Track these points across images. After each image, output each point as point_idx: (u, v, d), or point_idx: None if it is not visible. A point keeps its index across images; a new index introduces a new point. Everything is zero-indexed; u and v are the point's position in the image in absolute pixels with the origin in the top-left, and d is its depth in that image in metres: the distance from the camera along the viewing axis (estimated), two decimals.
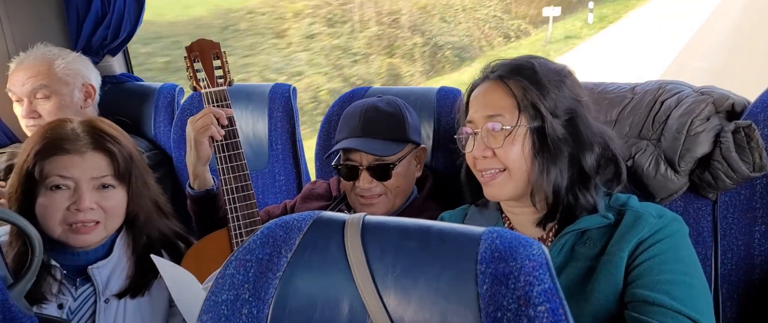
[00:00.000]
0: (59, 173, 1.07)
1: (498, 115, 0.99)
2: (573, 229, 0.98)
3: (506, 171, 0.99)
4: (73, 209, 1.08)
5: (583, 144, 0.99)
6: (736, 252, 1.19)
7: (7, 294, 0.97)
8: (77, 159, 1.08)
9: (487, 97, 1.01)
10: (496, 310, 0.57)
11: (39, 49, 1.73)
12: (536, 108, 0.97)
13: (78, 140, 1.09)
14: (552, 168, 0.97)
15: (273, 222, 0.69)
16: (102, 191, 1.11)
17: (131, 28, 1.95)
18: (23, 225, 1.01)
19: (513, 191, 1.00)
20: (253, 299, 0.66)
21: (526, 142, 0.98)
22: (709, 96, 1.18)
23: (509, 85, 0.99)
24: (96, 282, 1.11)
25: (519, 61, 1.03)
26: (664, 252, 0.92)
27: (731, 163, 1.13)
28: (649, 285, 0.90)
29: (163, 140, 1.89)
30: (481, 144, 1.00)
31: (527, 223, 1.04)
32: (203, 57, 1.35)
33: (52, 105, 1.67)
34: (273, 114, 1.71)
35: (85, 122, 1.14)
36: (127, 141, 1.16)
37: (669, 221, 0.95)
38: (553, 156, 0.97)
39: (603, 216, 0.98)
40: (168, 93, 1.91)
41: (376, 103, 1.32)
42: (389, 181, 1.28)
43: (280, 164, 1.72)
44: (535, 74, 0.99)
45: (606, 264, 0.94)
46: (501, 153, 0.98)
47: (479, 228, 0.62)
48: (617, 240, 0.95)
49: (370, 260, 0.63)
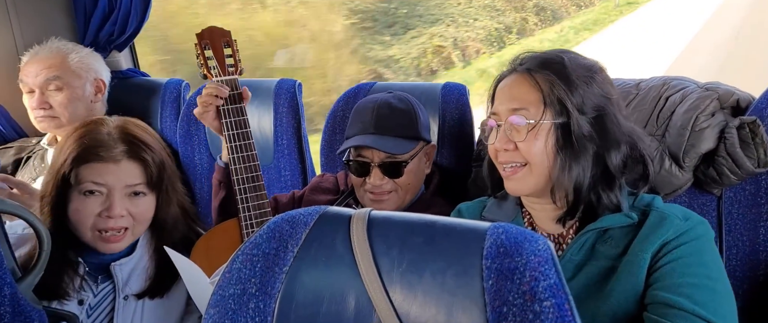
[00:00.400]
0: (94, 179, 1.09)
1: (522, 109, 0.97)
2: (594, 228, 0.96)
3: (527, 165, 0.98)
4: (104, 215, 1.10)
5: (609, 142, 0.97)
6: (741, 247, 1.19)
7: (16, 287, 0.98)
8: (112, 166, 1.09)
9: (513, 89, 0.99)
10: (502, 305, 0.57)
11: (53, 43, 1.75)
12: (562, 103, 0.95)
13: (114, 147, 1.10)
14: (574, 165, 0.95)
15: (279, 217, 0.70)
16: (133, 198, 1.12)
17: (138, 24, 1.96)
18: (31, 220, 1.03)
19: (533, 186, 0.98)
20: (259, 293, 0.67)
21: (550, 138, 0.96)
22: (714, 92, 1.18)
23: (536, 78, 0.97)
24: (117, 278, 1.13)
25: (549, 54, 1.00)
26: (688, 255, 0.90)
27: (736, 159, 1.13)
28: (670, 288, 0.88)
29: (170, 135, 1.90)
30: (503, 136, 0.98)
31: (546, 219, 1.03)
32: (214, 45, 1.35)
33: (64, 97, 1.69)
34: (279, 109, 1.72)
35: (121, 127, 1.14)
36: (158, 145, 1.16)
37: (695, 224, 0.93)
38: (576, 153, 0.95)
39: (626, 216, 0.96)
40: (174, 88, 1.92)
41: (389, 99, 1.31)
42: (400, 179, 1.28)
43: (286, 159, 1.73)
44: (563, 69, 0.96)
45: (627, 265, 0.92)
46: (523, 147, 0.97)
47: (485, 224, 0.62)
48: (641, 241, 0.93)
49: (376, 255, 0.63)
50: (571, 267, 0.97)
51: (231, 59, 1.36)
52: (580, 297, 0.94)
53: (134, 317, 1.12)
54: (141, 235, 1.17)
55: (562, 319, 0.56)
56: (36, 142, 1.83)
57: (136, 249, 1.16)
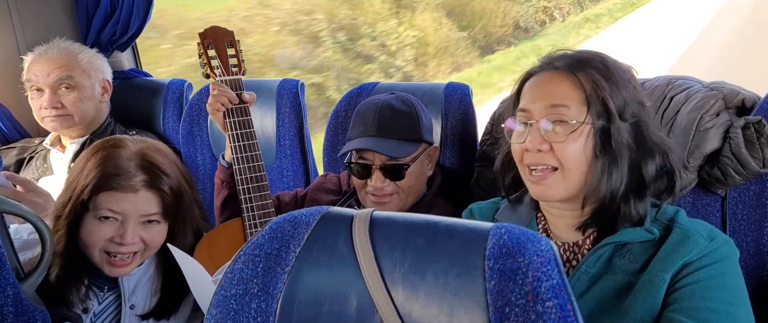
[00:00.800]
0: (110, 207, 1.08)
1: (563, 106, 0.89)
2: (613, 241, 0.91)
3: (559, 170, 0.91)
4: (116, 241, 1.10)
5: (645, 151, 0.91)
6: (746, 248, 1.19)
7: (19, 287, 0.99)
8: (131, 196, 1.09)
9: (551, 87, 0.91)
10: (504, 305, 0.57)
11: (59, 42, 1.74)
12: (606, 105, 0.88)
13: (134, 176, 1.09)
14: (614, 171, 0.89)
15: (281, 217, 0.70)
16: (146, 225, 1.12)
17: (140, 24, 1.96)
18: (33, 220, 1.03)
19: (565, 192, 0.91)
20: (261, 293, 0.67)
21: (589, 142, 0.89)
22: (718, 91, 1.18)
23: (578, 76, 0.90)
24: (123, 289, 1.13)
25: (587, 53, 0.94)
26: (710, 278, 0.85)
27: (741, 159, 1.13)
28: (688, 311, 0.83)
29: (172, 135, 1.90)
30: (537, 136, 0.90)
31: (564, 226, 0.97)
32: (217, 44, 1.35)
33: (76, 96, 1.70)
34: (281, 109, 1.72)
35: (142, 154, 1.12)
36: (178, 173, 1.15)
37: (720, 245, 0.88)
38: (615, 159, 0.89)
39: (647, 231, 0.90)
40: (177, 88, 1.92)
41: (391, 101, 1.30)
42: (402, 181, 1.27)
43: (288, 159, 1.73)
44: (606, 69, 0.90)
45: (646, 285, 0.87)
46: (559, 148, 0.89)
47: (487, 224, 0.62)
48: (661, 259, 0.88)
49: (378, 255, 0.63)
50: (586, 280, 0.92)
51: (234, 59, 1.35)
52: (593, 312, 0.90)
53: None
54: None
55: (565, 320, 0.56)
56: (38, 142, 1.83)
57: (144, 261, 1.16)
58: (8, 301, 0.96)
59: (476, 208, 1.11)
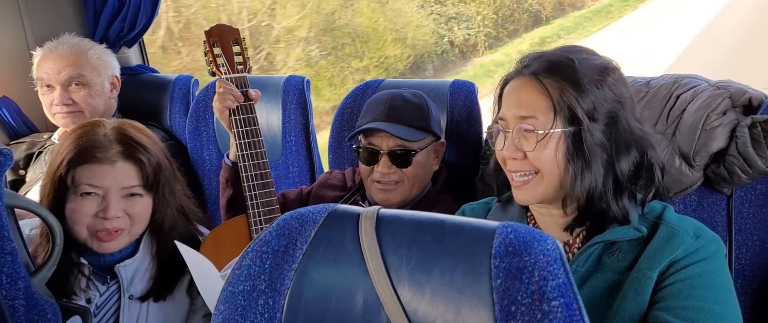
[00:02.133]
0: (89, 182, 1.09)
1: (531, 117, 0.92)
2: (602, 240, 0.92)
3: (539, 173, 0.93)
4: (100, 216, 1.10)
5: (619, 148, 0.92)
6: (751, 247, 1.18)
7: (30, 281, 1.00)
8: (108, 168, 1.10)
9: (521, 95, 0.94)
10: (510, 304, 0.57)
11: (69, 38, 1.75)
12: (573, 111, 0.90)
13: (109, 148, 1.10)
14: (587, 173, 0.91)
15: (288, 215, 0.70)
16: (129, 198, 1.12)
17: (147, 20, 1.97)
18: (44, 215, 1.04)
19: (543, 195, 0.94)
20: (269, 290, 0.67)
21: (560, 146, 0.91)
22: (725, 90, 1.17)
23: (545, 84, 0.91)
24: (121, 279, 1.14)
25: (558, 56, 0.94)
26: (696, 277, 0.86)
27: (747, 158, 1.12)
28: (674, 310, 0.84)
29: (179, 131, 1.91)
30: (511, 145, 0.94)
31: (554, 226, 0.99)
32: (223, 42, 1.35)
33: (86, 93, 1.71)
34: (287, 106, 1.72)
35: (118, 128, 1.14)
36: (156, 147, 1.16)
37: (706, 242, 0.88)
38: (588, 161, 0.91)
39: (635, 229, 0.92)
40: (183, 84, 1.93)
41: (401, 92, 1.34)
42: (408, 169, 1.29)
43: (294, 156, 1.74)
44: (574, 73, 0.91)
45: (633, 283, 0.88)
46: (532, 156, 0.92)
47: (494, 223, 0.62)
48: (649, 257, 0.89)
49: (385, 253, 0.63)
50: (576, 279, 0.93)
51: (240, 57, 1.36)
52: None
53: (139, 316, 1.13)
54: (139, 236, 1.17)
55: (571, 319, 0.56)
56: (47, 137, 1.84)
57: (138, 250, 1.17)
58: (19, 295, 0.98)
59: (468, 209, 1.13)
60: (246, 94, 1.35)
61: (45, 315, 1.01)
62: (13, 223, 1.01)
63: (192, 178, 1.84)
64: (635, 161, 0.94)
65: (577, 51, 0.96)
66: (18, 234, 1.02)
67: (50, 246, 1.04)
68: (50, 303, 1.03)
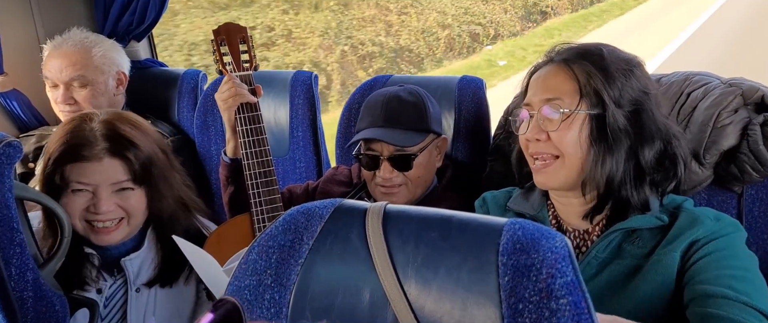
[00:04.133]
0: (78, 179, 1.09)
1: (557, 99, 0.94)
2: (622, 227, 0.94)
3: (560, 158, 0.95)
4: (92, 211, 1.11)
5: (643, 137, 0.94)
6: (761, 246, 1.17)
7: (38, 273, 1.01)
8: (95, 165, 1.09)
9: (548, 80, 0.97)
10: (518, 302, 0.57)
11: (76, 34, 1.75)
12: (599, 95, 0.93)
13: (96, 145, 1.09)
14: (608, 158, 0.93)
15: (295, 209, 0.70)
16: (121, 193, 1.12)
17: (156, 14, 1.97)
18: (53, 207, 1.05)
19: (564, 180, 0.96)
20: (275, 285, 0.67)
21: (584, 129, 0.93)
22: (737, 87, 1.16)
23: (573, 68, 0.95)
24: (128, 272, 1.15)
25: (587, 46, 0.98)
26: (721, 250, 0.88)
27: (759, 156, 1.11)
28: (709, 280, 0.85)
29: (187, 125, 1.91)
30: (535, 126, 0.96)
31: (573, 214, 1.00)
32: (230, 41, 1.36)
33: (88, 92, 1.71)
34: (294, 101, 1.72)
35: (106, 122, 1.13)
36: (147, 140, 1.15)
37: (726, 224, 0.91)
38: (611, 146, 0.93)
39: (656, 217, 0.93)
40: (192, 78, 1.93)
41: (398, 92, 1.31)
42: (410, 172, 1.28)
43: (301, 151, 1.74)
44: (602, 60, 0.94)
45: (655, 264, 0.90)
46: (555, 137, 0.94)
47: (501, 219, 0.62)
48: (670, 241, 0.91)
49: (391, 249, 0.63)
50: (595, 264, 0.95)
51: (246, 55, 1.37)
52: (602, 294, 0.92)
53: (147, 308, 1.14)
54: (140, 228, 1.18)
55: (579, 317, 0.56)
56: None
57: (144, 243, 1.18)
58: (28, 286, 0.99)
59: (489, 197, 1.14)
60: (253, 92, 1.35)
61: (53, 306, 1.02)
62: (23, 215, 1.02)
63: (199, 173, 1.85)
64: (659, 151, 0.96)
65: (605, 44, 0.99)
66: (27, 226, 1.03)
67: (58, 237, 1.05)
68: (58, 294, 1.04)
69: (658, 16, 9.38)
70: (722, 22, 7.68)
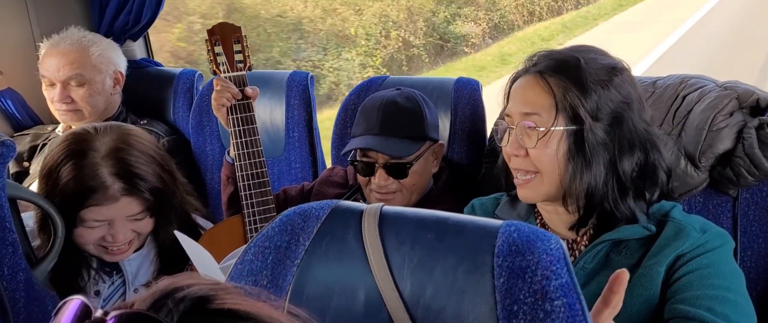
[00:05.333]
0: (95, 218, 1.10)
1: (534, 114, 0.93)
2: (610, 239, 0.93)
3: (539, 174, 0.94)
4: (108, 238, 1.12)
5: (622, 149, 0.92)
6: (756, 249, 1.18)
7: (30, 273, 1.00)
8: (111, 205, 1.09)
9: (526, 92, 0.95)
10: (513, 304, 0.57)
11: (73, 33, 1.74)
12: (575, 110, 0.91)
13: (111, 187, 1.08)
14: (586, 173, 0.91)
15: (291, 210, 0.70)
16: (135, 222, 1.13)
17: (152, 14, 1.96)
18: (46, 206, 1.04)
19: (545, 194, 0.96)
20: (270, 286, 0.67)
21: (562, 145, 0.92)
22: (733, 91, 1.16)
23: (549, 82, 0.93)
24: (126, 272, 1.15)
25: (565, 55, 0.95)
26: (705, 267, 0.87)
27: (754, 160, 1.11)
28: (689, 300, 0.84)
29: (182, 125, 1.91)
30: (514, 142, 0.95)
31: (560, 223, 1.00)
32: (224, 41, 1.35)
33: (85, 92, 1.70)
34: (290, 101, 1.72)
35: (114, 156, 1.09)
36: (154, 165, 1.13)
37: (712, 236, 0.90)
38: (589, 161, 0.91)
39: (644, 227, 0.92)
40: (187, 78, 1.93)
41: (395, 97, 1.29)
42: (406, 180, 1.27)
43: (296, 151, 1.73)
44: (579, 72, 0.91)
45: (641, 278, 0.89)
46: (533, 154, 0.93)
47: (497, 221, 0.62)
48: (655, 253, 0.90)
49: (387, 250, 0.63)
50: (583, 275, 0.94)
51: (240, 55, 1.36)
52: (590, 306, 0.91)
53: None
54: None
55: (573, 319, 0.56)
56: (51, 129, 1.85)
57: (144, 245, 1.18)
58: (20, 286, 0.98)
59: (477, 204, 1.13)
60: (243, 92, 1.34)
61: (45, 307, 1.01)
62: (15, 215, 1.02)
63: (194, 173, 1.84)
64: (639, 162, 0.94)
65: (586, 50, 0.97)
66: (20, 226, 1.02)
67: (52, 238, 1.05)
68: (51, 295, 1.03)
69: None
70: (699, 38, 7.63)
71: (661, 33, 7.81)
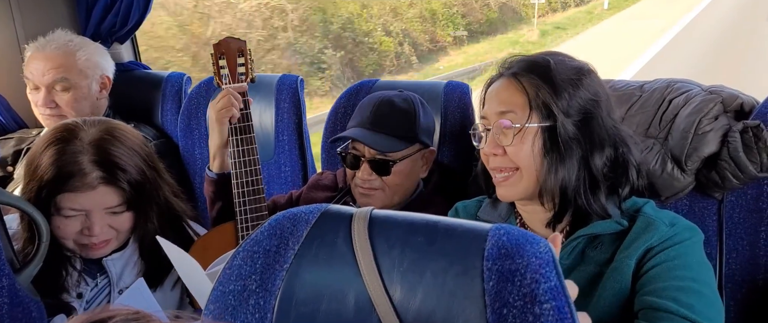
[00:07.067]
0: (71, 207, 1.08)
1: (509, 112, 0.98)
2: (584, 234, 0.97)
3: (518, 170, 0.98)
4: (85, 232, 1.10)
5: (593, 145, 0.97)
6: (741, 251, 1.19)
7: (14, 279, 0.98)
8: (89, 193, 1.08)
9: (501, 93, 1.00)
10: (502, 307, 0.57)
11: (60, 36, 1.71)
12: (548, 107, 0.96)
13: (89, 174, 1.07)
14: (560, 168, 0.96)
15: (281, 214, 0.70)
16: (113, 215, 1.12)
17: (140, 16, 1.95)
18: (30, 212, 1.03)
19: (523, 191, 0.99)
20: (260, 290, 0.67)
21: (537, 141, 0.96)
22: (717, 95, 1.18)
23: (522, 82, 0.98)
24: (111, 273, 1.14)
25: (536, 58, 1.01)
26: (672, 259, 0.90)
27: (739, 163, 1.13)
28: (655, 292, 0.88)
29: (170, 128, 1.89)
30: (492, 141, 0.99)
31: (537, 222, 1.04)
32: (228, 54, 1.37)
33: (70, 96, 1.68)
34: (280, 105, 1.72)
35: (96, 145, 1.09)
36: (137, 159, 1.13)
37: (681, 229, 0.93)
38: (563, 156, 0.96)
39: (617, 222, 0.96)
40: (176, 82, 1.91)
41: (392, 97, 1.31)
42: (388, 178, 1.28)
43: (286, 155, 1.73)
44: (549, 72, 0.97)
45: (612, 272, 0.93)
46: (511, 151, 0.98)
47: (487, 225, 0.62)
48: (626, 247, 0.93)
49: (377, 254, 0.63)
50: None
51: (242, 68, 1.37)
52: None
53: None
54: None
55: (562, 322, 0.56)
56: (36, 133, 1.82)
57: (127, 244, 1.17)
58: (3, 292, 0.96)
59: (461, 207, 1.17)
60: (246, 104, 1.36)
61: (29, 313, 1.00)
62: None
63: (183, 176, 1.83)
64: (609, 157, 0.98)
65: (555, 54, 1.02)
66: (3, 231, 1.01)
67: (36, 242, 1.03)
68: (35, 300, 1.02)
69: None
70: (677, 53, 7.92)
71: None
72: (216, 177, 1.38)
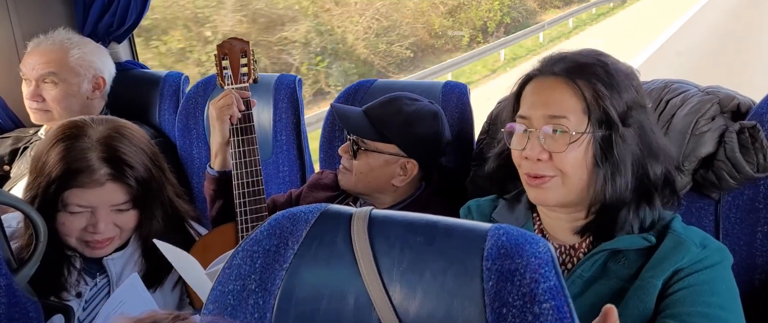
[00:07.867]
0: (78, 203, 1.09)
1: (562, 117, 0.88)
2: (609, 248, 0.90)
3: (557, 176, 0.90)
4: (89, 229, 1.10)
5: (651, 155, 0.90)
6: (738, 252, 1.19)
7: (12, 279, 0.98)
8: (97, 189, 1.09)
9: (551, 95, 0.90)
10: (502, 306, 0.57)
11: (60, 34, 1.71)
12: (607, 114, 0.87)
13: (97, 170, 1.08)
14: (618, 178, 0.88)
15: (280, 214, 0.70)
16: (118, 213, 1.12)
17: (137, 16, 1.94)
18: (28, 211, 1.02)
19: (562, 198, 0.91)
20: (259, 289, 0.67)
21: (590, 149, 0.88)
22: (714, 96, 1.18)
23: (579, 84, 0.88)
24: (110, 272, 1.14)
25: (586, 57, 0.91)
26: (700, 283, 0.85)
27: (735, 164, 1.13)
28: (681, 316, 0.83)
29: (168, 128, 1.89)
30: (537, 145, 0.89)
31: (560, 229, 0.96)
32: (231, 55, 1.38)
33: (58, 92, 1.67)
34: (278, 104, 1.71)
35: (105, 142, 1.10)
36: (143, 159, 1.13)
37: (712, 252, 0.87)
38: (618, 166, 0.88)
39: (643, 238, 0.89)
40: (173, 81, 1.91)
41: (404, 96, 1.32)
42: (354, 161, 1.30)
43: (284, 154, 1.73)
44: (607, 75, 0.88)
45: (637, 291, 0.87)
46: (558, 158, 0.89)
47: (486, 224, 0.62)
48: (653, 266, 0.87)
49: (377, 254, 0.63)
50: (580, 283, 0.92)
51: (245, 68, 1.38)
52: (586, 316, 0.87)
53: None
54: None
55: (561, 321, 0.56)
56: (33, 132, 1.81)
57: (128, 244, 1.17)
58: (1, 292, 0.96)
59: (474, 205, 1.10)
60: (248, 104, 1.36)
61: (27, 313, 1.00)
62: None
63: (181, 176, 1.82)
64: (664, 169, 0.92)
65: (603, 54, 0.93)
66: (0, 231, 1.01)
67: (34, 242, 1.03)
68: (32, 301, 1.01)
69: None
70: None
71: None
72: (217, 174, 1.38)
